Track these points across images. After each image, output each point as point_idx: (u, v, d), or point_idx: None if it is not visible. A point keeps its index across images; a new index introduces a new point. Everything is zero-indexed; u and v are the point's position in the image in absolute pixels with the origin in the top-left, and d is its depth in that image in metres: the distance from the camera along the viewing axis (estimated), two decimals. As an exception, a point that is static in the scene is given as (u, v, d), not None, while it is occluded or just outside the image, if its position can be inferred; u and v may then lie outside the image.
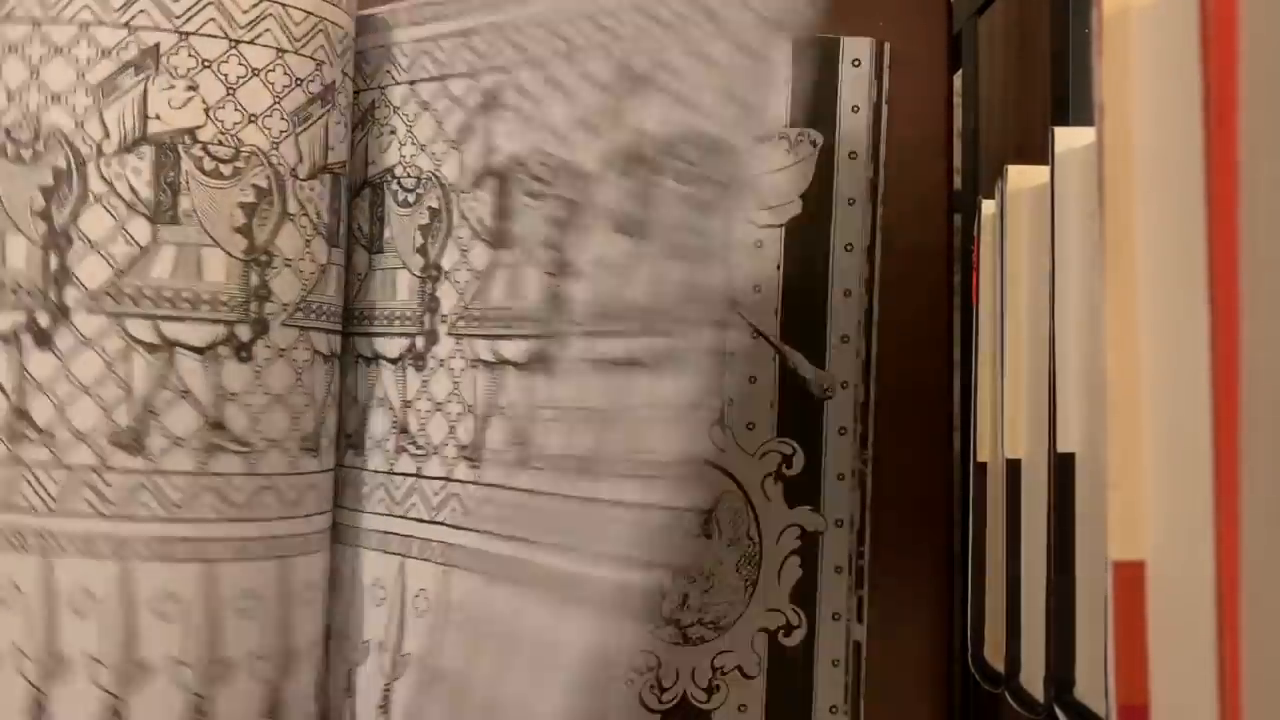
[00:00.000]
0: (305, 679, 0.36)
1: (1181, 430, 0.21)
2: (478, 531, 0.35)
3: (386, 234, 0.39)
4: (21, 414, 0.33)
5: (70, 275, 0.33)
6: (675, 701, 0.43)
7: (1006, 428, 0.34)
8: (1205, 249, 0.19)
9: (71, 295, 0.33)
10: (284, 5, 0.35)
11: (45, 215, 0.33)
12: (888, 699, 0.43)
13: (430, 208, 0.38)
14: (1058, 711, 0.29)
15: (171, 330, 0.33)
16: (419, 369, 0.37)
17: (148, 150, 0.33)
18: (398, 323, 0.38)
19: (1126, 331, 0.22)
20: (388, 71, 0.39)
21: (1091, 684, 0.29)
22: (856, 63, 0.43)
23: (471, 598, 0.35)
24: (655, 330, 0.31)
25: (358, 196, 0.39)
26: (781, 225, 0.43)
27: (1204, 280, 0.19)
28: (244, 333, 0.34)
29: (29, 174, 0.33)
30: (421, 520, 0.37)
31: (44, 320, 0.33)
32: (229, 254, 0.34)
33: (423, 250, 0.38)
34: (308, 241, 0.36)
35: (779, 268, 0.43)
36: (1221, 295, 0.19)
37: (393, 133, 0.39)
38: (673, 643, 0.43)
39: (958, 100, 0.44)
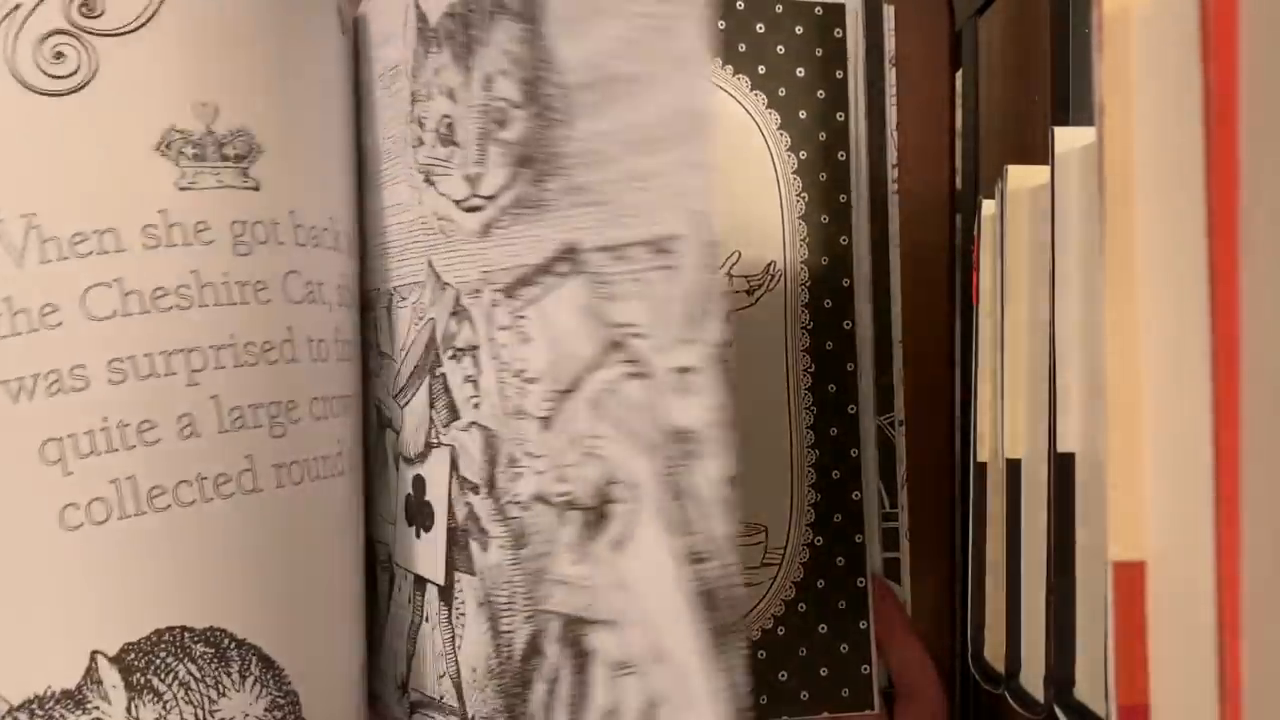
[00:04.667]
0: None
1: (1181, 430, 0.21)
2: None
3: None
4: None
5: None
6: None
7: (1006, 428, 0.34)
8: (1205, 249, 0.19)
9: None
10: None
11: None
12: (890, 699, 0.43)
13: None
14: (1058, 711, 0.29)
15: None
16: None
17: None
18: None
19: (1126, 331, 0.22)
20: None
21: (1091, 684, 0.29)
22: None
23: None
24: None
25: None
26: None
27: (1204, 280, 0.19)
28: None
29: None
30: None
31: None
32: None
33: None
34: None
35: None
36: (1221, 295, 0.19)
37: None
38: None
39: (958, 100, 0.43)
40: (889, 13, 0.43)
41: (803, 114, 0.41)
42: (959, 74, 0.44)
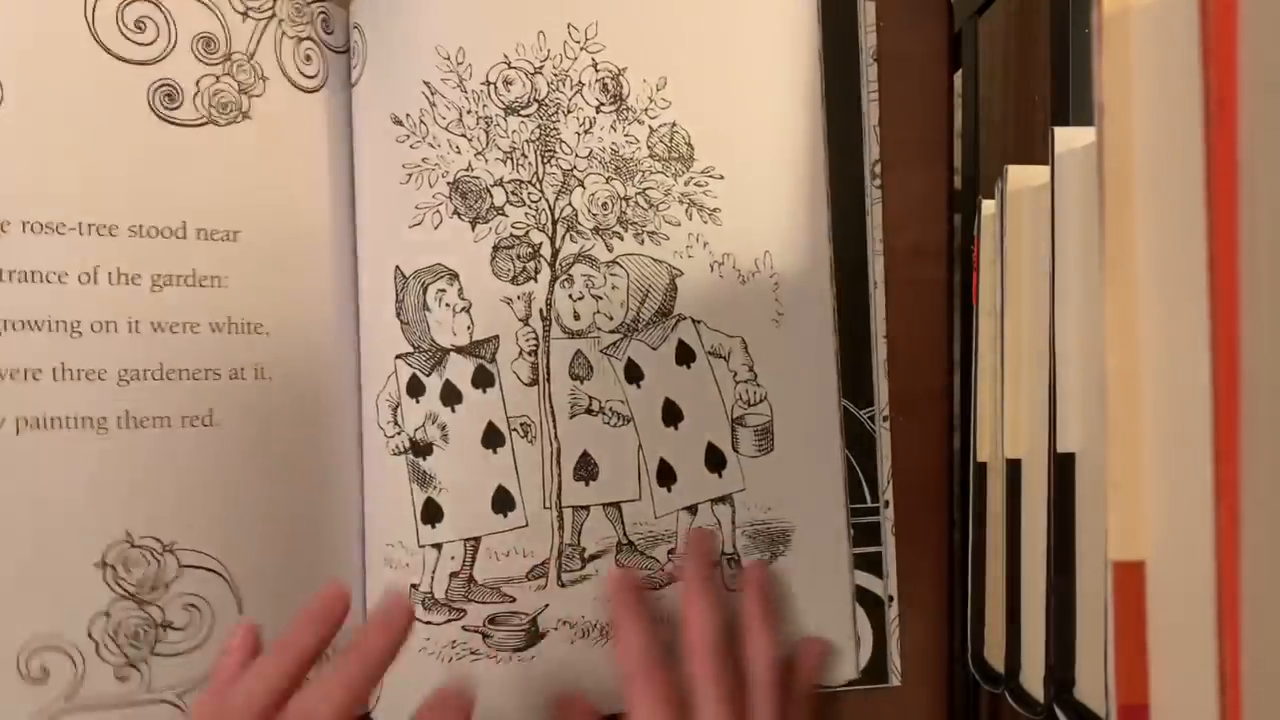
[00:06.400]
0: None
1: (1181, 430, 0.21)
2: None
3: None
4: None
5: None
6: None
7: (1006, 428, 0.34)
8: (1205, 249, 0.19)
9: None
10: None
11: None
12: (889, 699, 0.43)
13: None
14: (1058, 711, 0.29)
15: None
16: None
17: None
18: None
19: (1126, 331, 0.22)
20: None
21: (1091, 684, 0.29)
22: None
23: None
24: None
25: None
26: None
27: (1204, 280, 0.19)
28: None
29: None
30: None
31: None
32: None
33: None
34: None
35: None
36: (1221, 295, 0.19)
37: None
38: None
39: (958, 100, 0.43)
40: (868, 9, 0.43)
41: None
42: (959, 74, 0.44)
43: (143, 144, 0.37)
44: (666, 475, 0.41)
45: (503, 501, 0.40)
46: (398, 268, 0.40)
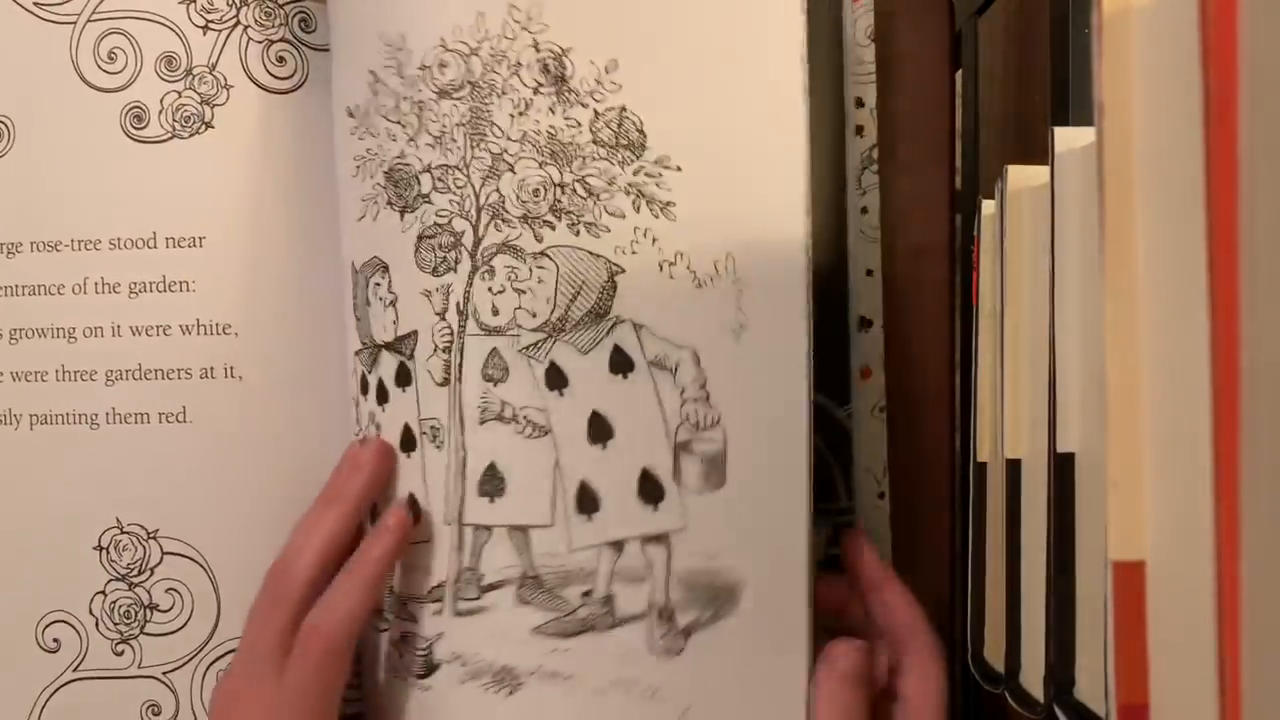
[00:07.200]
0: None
1: (1181, 430, 0.21)
2: None
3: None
4: None
5: None
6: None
7: (1006, 428, 0.34)
8: (1205, 249, 0.19)
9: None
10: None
11: None
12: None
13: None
14: (1058, 711, 0.29)
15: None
16: None
17: None
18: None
19: (1126, 331, 0.22)
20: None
21: (1091, 684, 0.29)
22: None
23: None
24: None
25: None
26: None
27: (1204, 280, 0.19)
28: None
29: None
30: None
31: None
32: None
33: None
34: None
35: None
36: (1221, 295, 0.19)
37: None
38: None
39: (958, 100, 0.44)
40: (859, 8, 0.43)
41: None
42: (959, 74, 0.44)
43: (117, 164, 0.40)
44: (588, 501, 0.36)
45: (415, 510, 0.37)
46: (352, 263, 0.39)
